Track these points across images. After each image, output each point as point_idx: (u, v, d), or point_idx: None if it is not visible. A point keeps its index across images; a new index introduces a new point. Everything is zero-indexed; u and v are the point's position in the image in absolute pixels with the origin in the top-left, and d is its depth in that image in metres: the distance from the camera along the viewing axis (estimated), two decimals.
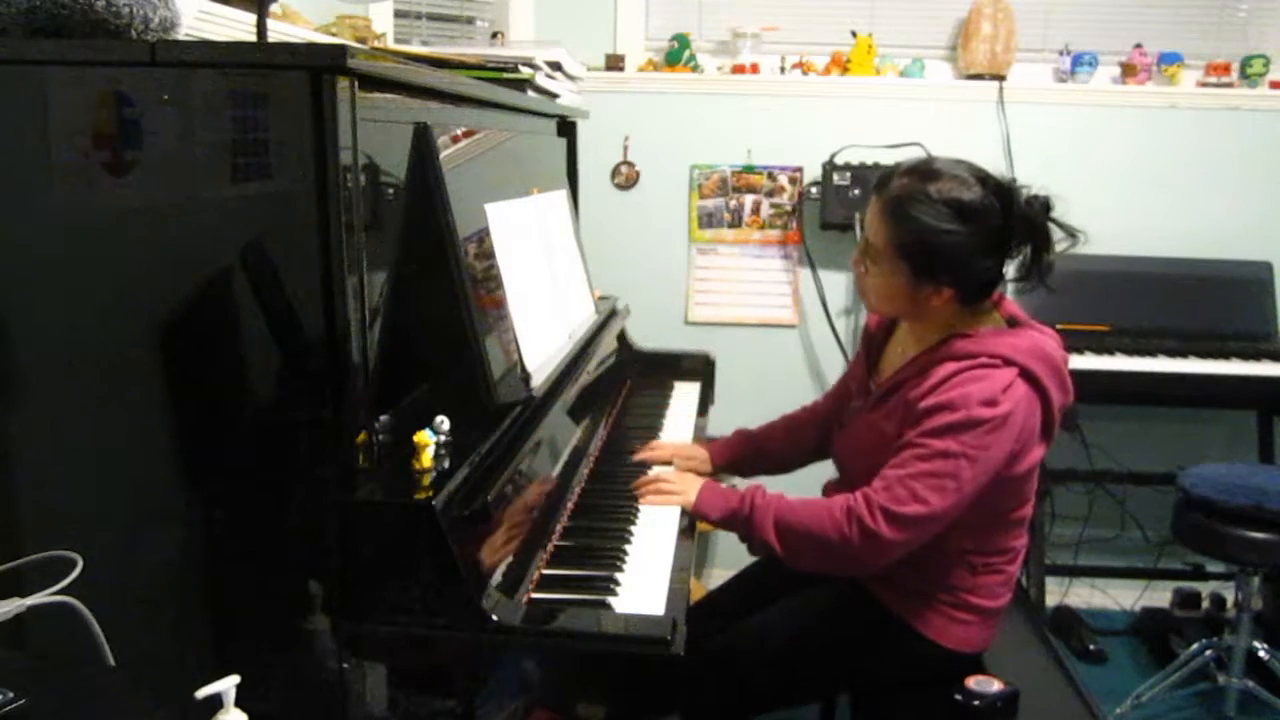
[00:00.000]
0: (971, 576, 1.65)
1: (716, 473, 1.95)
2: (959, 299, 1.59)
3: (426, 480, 1.18)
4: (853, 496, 1.54)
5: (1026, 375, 1.53)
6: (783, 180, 3.10)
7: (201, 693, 0.82)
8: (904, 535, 1.50)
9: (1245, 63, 3.00)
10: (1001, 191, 1.57)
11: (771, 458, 1.99)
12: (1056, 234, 1.64)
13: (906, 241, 1.55)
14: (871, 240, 1.60)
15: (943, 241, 1.53)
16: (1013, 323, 1.67)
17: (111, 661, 0.96)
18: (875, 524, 1.50)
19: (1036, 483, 1.66)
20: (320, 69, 1.03)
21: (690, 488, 1.69)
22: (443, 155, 1.36)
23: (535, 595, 1.33)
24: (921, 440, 1.51)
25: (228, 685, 0.83)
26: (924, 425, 1.51)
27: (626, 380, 2.39)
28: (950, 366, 1.54)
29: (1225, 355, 2.76)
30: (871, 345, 1.86)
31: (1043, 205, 1.62)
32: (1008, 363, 1.52)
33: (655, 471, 1.78)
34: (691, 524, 1.64)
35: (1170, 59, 3.02)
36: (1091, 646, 2.93)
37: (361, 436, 1.13)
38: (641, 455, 1.88)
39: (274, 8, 1.65)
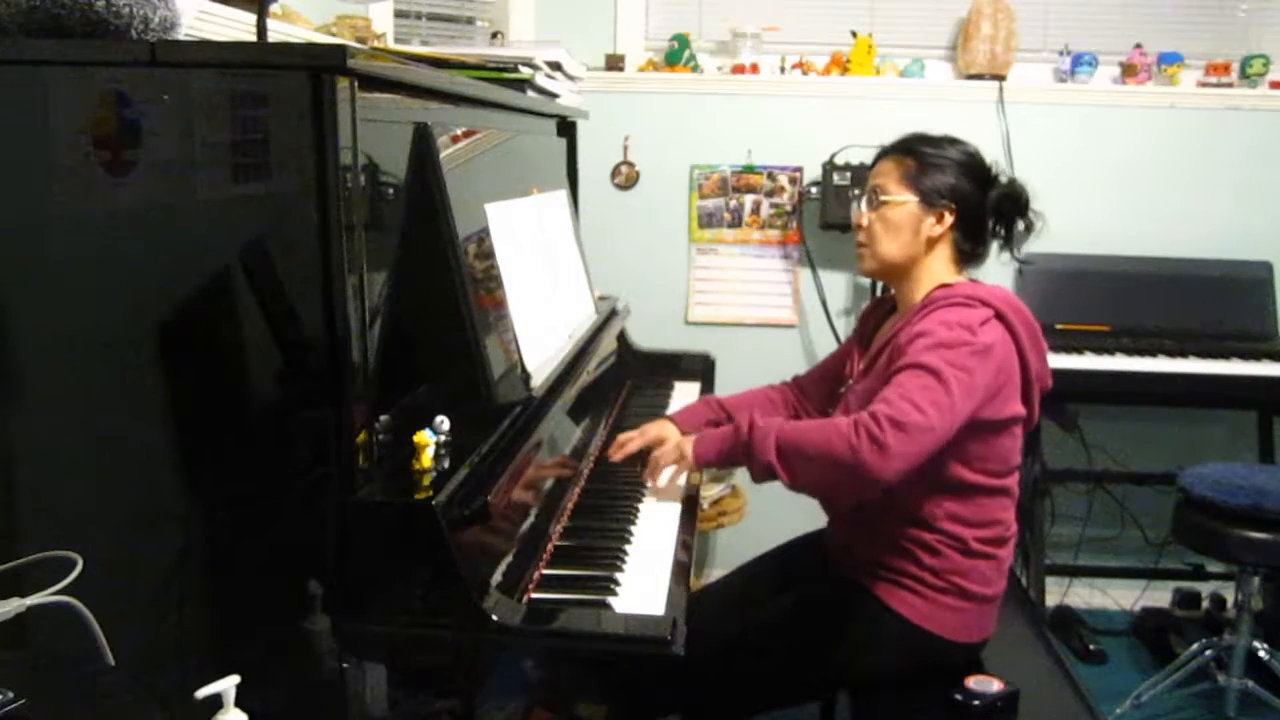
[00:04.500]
0: (964, 559, 1.66)
1: None
2: (957, 229, 1.72)
3: (426, 480, 1.18)
4: (858, 414, 1.56)
5: (1000, 317, 1.63)
6: (783, 180, 3.11)
7: (201, 693, 0.82)
8: (909, 446, 1.52)
9: (1245, 63, 3.00)
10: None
11: None
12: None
13: (915, 169, 1.72)
14: (879, 183, 1.75)
15: (946, 163, 1.72)
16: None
17: (111, 661, 0.96)
18: (883, 433, 1.51)
19: (1019, 456, 1.71)
20: (320, 69, 1.03)
21: (685, 449, 1.72)
22: (443, 155, 1.36)
23: (535, 595, 1.33)
24: (912, 362, 1.58)
25: (228, 685, 0.83)
26: (910, 351, 1.59)
27: (626, 380, 2.39)
28: (929, 308, 1.65)
29: (1225, 355, 2.76)
30: (864, 333, 1.90)
31: (1017, 183, 1.78)
32: (983, 303, 1.63)
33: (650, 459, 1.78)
34: (692, 525, 1.64)
35: (1170, 59, 3.02)
36: (1091, 646, 2.93)
37: (361, 436, 1.13)
38: (617, 456, 1.85)
39: (274, 8, 1.65)
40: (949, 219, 1.70)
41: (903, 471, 1.55)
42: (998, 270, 2.96)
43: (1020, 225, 1.76)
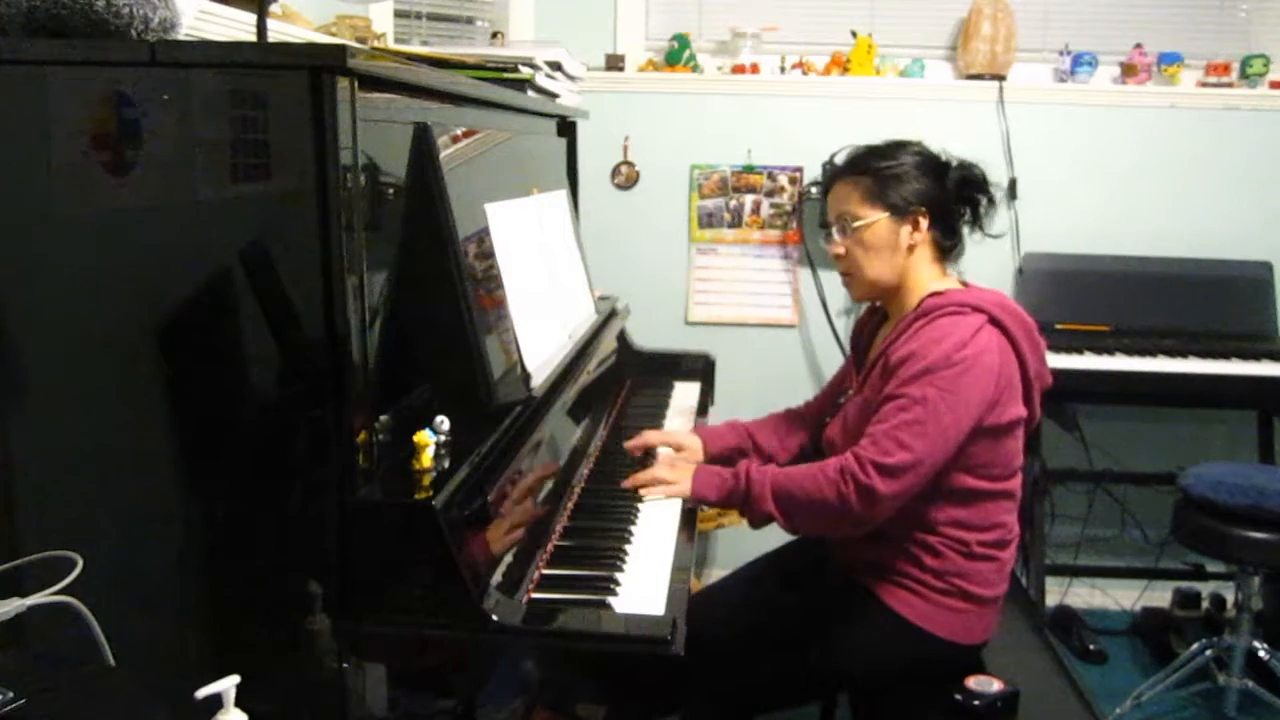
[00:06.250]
0: (966, 562, 1.66)
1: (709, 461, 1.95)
2: (934, 229, 1.71)
3: (426, 480, 1.18)
4: (844, 456, 1.58)
5: (995, 322, 1.61)
6: (783, 180, 3.10)
7: (201, 693, 0.82)
8: (897, 485, 1.54)
9: (1245, 63, 3.00)
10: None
11: (761, 452, 2.00)
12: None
13: (875, 186, 1.70)
14: (844, 209, 1.74)
15: (902, 169, 1.70)
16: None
17: (111, 661, 0.96)
18: (869, 479, 1.54)
19: (1022, 457, 1.70)
20: (320, 69, 1.03)
21: (684, 476, 1.72)
22: (443, 155, 1.36)
23: (535, 595, 1.33)
24: (899, 391, 1.57)
25: (228, 685, 0.83)
26: (899, 375, 1.58)
27: (626, 380, 2.39)
28: (920, 321, 1.63)
29: (1225, 355, 2.76)
30: (859, 344, 1.91)
31: (967, 163, 1.77)
32: (975, 309, 1.61)
33: (650, 469, 1.78)
34: (692, 525, 1.64)
35: (1170, 59, 3.02)
36: (1091, 646, 2.93)
37: (361, 436, 1.13)
38: (633, 444, 1.87)
39: (274, 8, 1.65)
40: (924, 222, 1.70)
41: (895, 509, 1.58)
42: (998, 271, 2.97)
43: (984, 202, 1.76)
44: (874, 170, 1.70)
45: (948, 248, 1.75)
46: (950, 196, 1.72)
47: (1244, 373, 2.71)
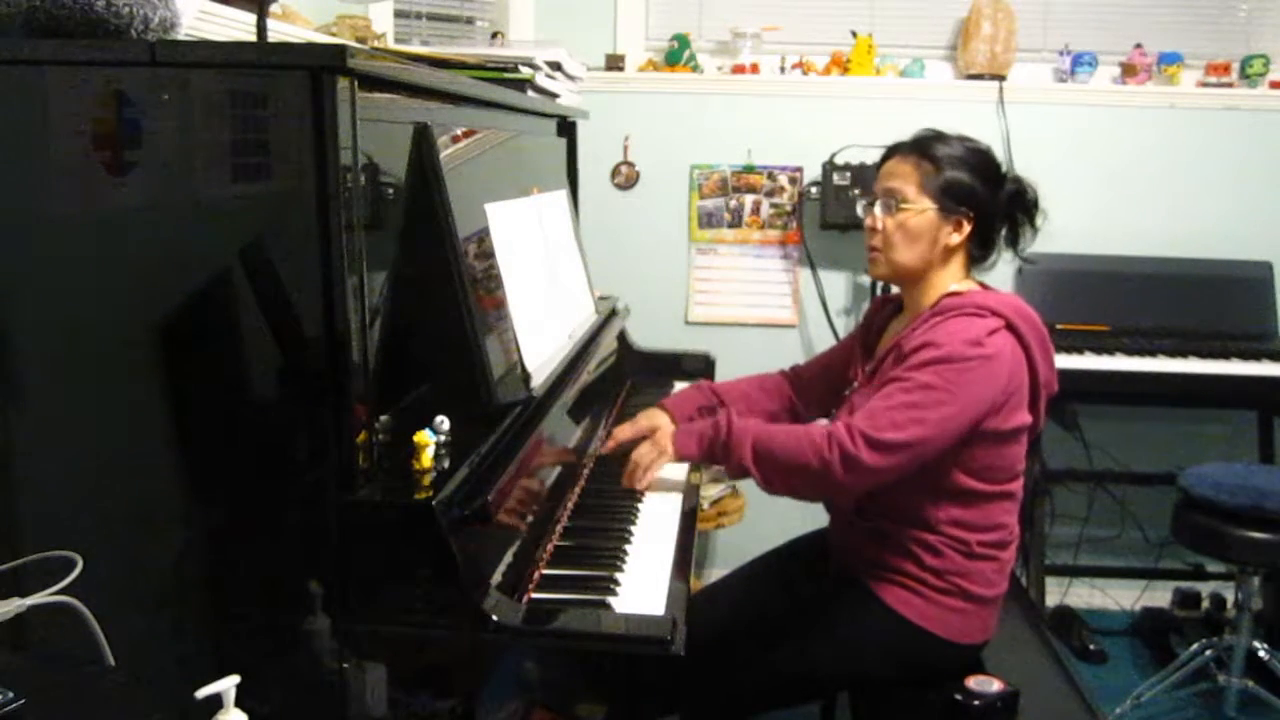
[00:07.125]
0: (966, 561, 1.66)
1: None
2: (973, 238, 1.70)
3: (426, 480, 1.17)
4: (834, 424, 1.58)
5: (1011, 328, 1.60)
6: (783, 180, 3.11)
7: (201, 693, 0.82)
8: (882, 461, 1.54)
9: (1245, 63, 3.00)
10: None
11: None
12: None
13: (934, 175, 1.67)
14: (897, 187, 1.69)
15: (962, 166, 1.67)
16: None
17: (111, 661, 0.96)
18: (856, 449, 1.53)
19: (1025, 461, 1.70)
20: (320, 69, 1.03)
21: (664, 446, 1.71)
22: (443, 155, 1.36)
23: (535, 595, 1.33)
24: (904, 374, 1.57)
25: (228, 685, 0.83)
26: (909, 361, 1.58)
27: (626, 380, 2.39)
28: (937, 318, 1.63)
29: (1225, 355, 2.76)
30: (868, 336, 1.89)
31: (1024, 181, 1.75)
32: (993, 313, 1.60)
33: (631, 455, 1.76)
34: (692, 525, 1.64)
35: (1170, 59, 3.02)
36: (1091, 646, 2.93)
37: (361, 436, 1.13)
38: (609, 449, 1.85)
39: (274, 8, 1.65)
40: (966, 228, 1.68)
41: (874, 485, 1.57)
42: (998, 270, 2.96)
43: (1025, 223, 1.74)
44: (937, 158, 1.67)
45: (978, 257, 1.73)
46: (999, 209, 1.70)
47: (1244, 373, 2.71)
